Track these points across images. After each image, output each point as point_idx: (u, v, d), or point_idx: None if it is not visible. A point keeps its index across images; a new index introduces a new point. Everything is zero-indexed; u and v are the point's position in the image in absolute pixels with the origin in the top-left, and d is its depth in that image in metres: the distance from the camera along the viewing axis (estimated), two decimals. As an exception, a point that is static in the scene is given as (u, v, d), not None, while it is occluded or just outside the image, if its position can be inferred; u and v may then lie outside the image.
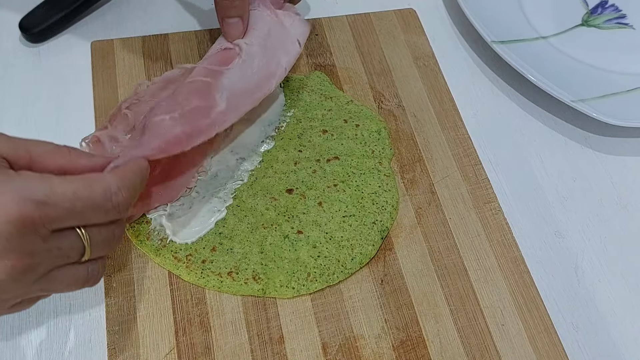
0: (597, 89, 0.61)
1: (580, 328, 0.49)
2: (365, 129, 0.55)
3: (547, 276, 0.52)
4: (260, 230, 0.49)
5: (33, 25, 0.59)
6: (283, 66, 0.53)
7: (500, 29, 0.64)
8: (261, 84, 0.51)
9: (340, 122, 0.55)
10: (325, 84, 0.58)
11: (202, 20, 0.63)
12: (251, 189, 0.51)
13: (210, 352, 0.44)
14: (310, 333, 0.46)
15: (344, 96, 0.58)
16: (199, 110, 0.46)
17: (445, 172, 0.55)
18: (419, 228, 0.51)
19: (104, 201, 0.36)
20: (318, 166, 0.53)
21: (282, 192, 0.51)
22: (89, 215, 0.35)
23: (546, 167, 0.58)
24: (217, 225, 0.49)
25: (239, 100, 0.49)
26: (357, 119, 0.56)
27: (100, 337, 0.45)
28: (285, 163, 0.53)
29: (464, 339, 0.46)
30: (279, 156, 0.53)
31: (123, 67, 0.57)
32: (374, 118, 0.56)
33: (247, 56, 0.50)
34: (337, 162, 0.53)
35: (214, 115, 0.46)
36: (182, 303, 0.46)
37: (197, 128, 0.45)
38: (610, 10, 0.70)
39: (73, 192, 0.34)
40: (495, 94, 0.63)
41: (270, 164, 0.52)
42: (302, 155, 0.53)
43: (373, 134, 0.55)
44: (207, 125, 0.46)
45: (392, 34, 0.63)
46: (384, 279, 0.48)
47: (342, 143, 0.54)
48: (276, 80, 0.52)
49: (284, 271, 0.47)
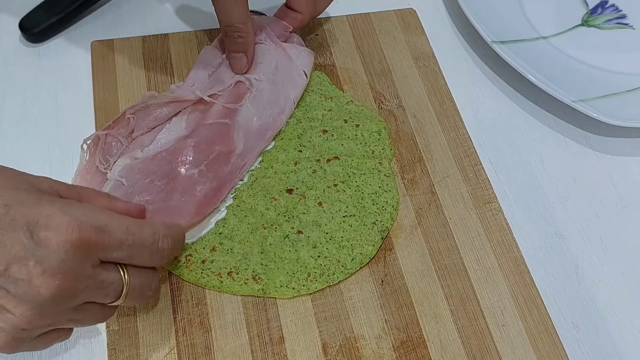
0: (597, 89, 0.61)
1: (580, 328, 0.49)
2: (365, 129, 0.55)
3: (547, 276, 0.52)
4: (260, 230, 0.49)
5: (33, 25, 0.59)
6: (292, 99, 0.55)
7: (500, 29, 0.64)
8: (273, 120, 0.53)
9: (341, 122, 0.55)
10: (325, 84, 0.58)
11: (202, 20, 0.63)
12: (251, 189, 0.51)
13: (211, 352, 0.44)
14: (310, 333, 0.46)
15: (344, 96, 0.58)
16: (221, 157, 0.49)
17: (446, 172, 0.55)
18: (419, 228, 0.51)
19: (151, 242, 0.38)
20: (318, 166, 0.53)
21: (282, 192, 0.51)
22: (136, 252, 0.37)
23: (546, 167, 0.58)
24: (217, 225, 0.49)
25: (253, 139, 0.51)
26: (357, 119, 0.56)
27: (100, 337, 0.45)
28: (285, 163, 0.53)
29: (464, 340, 0.46)
30: (279, 156, 0.53)
31: (123, 67, 0.57)
32: (374, 118, 0.56)
33: (257, 92, 0.52)
34: (337, 162, 0.53)
35: (233, 160, 0.49)
36: (182, 303, 0.46)
37: (222, 180, 0.48)
38: (610, 10, 0.70)
39: (126, 226, 0.37)
40: (495, 94, 0.63)
41: (270, 164, 0.52)
42: (302, 156, 0.53)
43: (373, 134, 0.55)
44: (229, 173, 0.49)
45: (392, 34, 0.63)
46: (385, 279, 0.48)
47: (342, 143, 0.54)
48: (286, 115, 0.54)
49: (284, 271, 0.47)
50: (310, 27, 0.62)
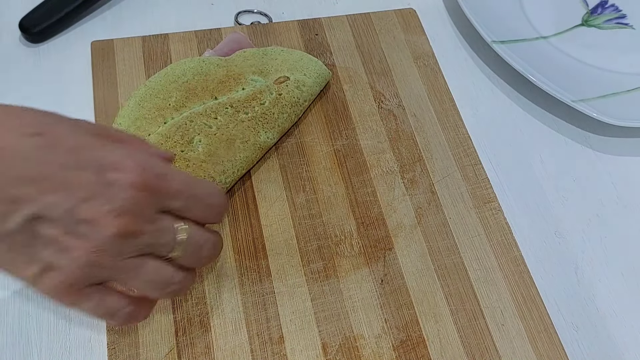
0: (597, 89, 0.61)
1: (580, 328, 0.49)
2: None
3: (547, 276, 0.52)
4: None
5: (33, 25, 0.59)
6: None
7: (500, 29, 0.64)
8: None
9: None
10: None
11: (202, 20, 0.64)
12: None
13: (210, 352, 0.44)
14: (310, 333, 0.46)
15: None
16: None
17: (446, 171, 0.55)
18: (419, 228, 0.51)
19: (207, 195, 0.39)
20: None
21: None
22: (191, 205, 0.38)
23: (546, 167, 0.58)
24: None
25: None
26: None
27: (100, 337, 0.45)
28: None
29: (464, 339, 0.46)
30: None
31: (123, 67, 0.57)
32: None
33: None
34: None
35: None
36: (182, 303, 0.46)
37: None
38: (610, 10, 0.70)
39: (184, 178, 0.38)
40: (495, 94, 0.63)
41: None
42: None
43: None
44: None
45: (392, 33, 0.63)
46: (384, 278, 0.48)
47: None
48: None
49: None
50: (311, 27, 0.62)
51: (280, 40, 0.61)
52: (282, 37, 0.62)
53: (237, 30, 0.61)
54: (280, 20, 0.64)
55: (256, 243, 0.49)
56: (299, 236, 0.50)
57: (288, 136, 0.55)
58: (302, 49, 0.61)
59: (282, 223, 0.50)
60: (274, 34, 0.62)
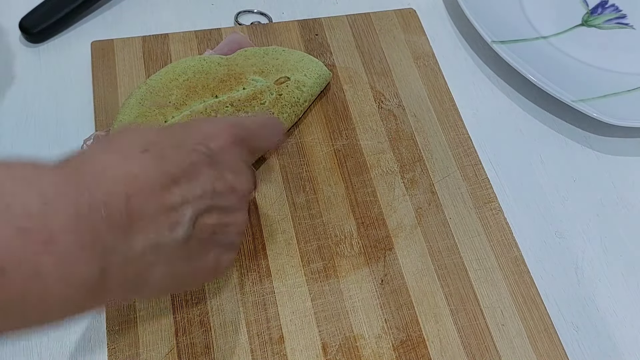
0: (597, 89, 0.61)
1: (580, 328, 0.49)
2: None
3: (547, 276, 0.52)
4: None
5: (33, 25, 0.59)
6: None
7: (500, 29, 0.64)
8: None
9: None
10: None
11: (202, 20, 0.64)
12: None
13: (210, 352, 0.44)
14: (310, 333, 0.46)
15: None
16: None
17: (446, 172, 0.55)
18: (419, 228, 0.51)
19: (271, 124, 0.45)
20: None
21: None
22: (262, 133, 0.43)
23: (546, 167, 0.58)
24: None
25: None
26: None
27: (100, 337, 0.45)
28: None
29: (464, 339, 0.46)
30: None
31: (123, 67, 0.57)
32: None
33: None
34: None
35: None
36: (182, 303, 0.46)
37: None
38: (610, 10, 0.70)
39: (250, 118, 0.45)
40: (495, 94, 0.63)
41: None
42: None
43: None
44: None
45: (392, 33, 0.63)
46: (384, 278, 0.48)
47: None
48: None
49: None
50: (311, 27, 0.62)
51: (280, 40, 0.61)
52: (282, 37, 0.62)
53: (237, 31, 0.61)
54: (280, 20, 0.64)
55: (256, 243, 0.49)
56: (299, 236, 0.50)
57: (288, 136, 0.55)
58: (302, 49, 0.61)
59: (282, 223, 0.50)
60: (274, 34, 0.62)
